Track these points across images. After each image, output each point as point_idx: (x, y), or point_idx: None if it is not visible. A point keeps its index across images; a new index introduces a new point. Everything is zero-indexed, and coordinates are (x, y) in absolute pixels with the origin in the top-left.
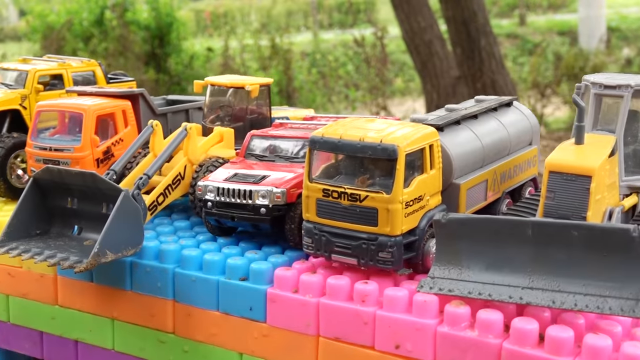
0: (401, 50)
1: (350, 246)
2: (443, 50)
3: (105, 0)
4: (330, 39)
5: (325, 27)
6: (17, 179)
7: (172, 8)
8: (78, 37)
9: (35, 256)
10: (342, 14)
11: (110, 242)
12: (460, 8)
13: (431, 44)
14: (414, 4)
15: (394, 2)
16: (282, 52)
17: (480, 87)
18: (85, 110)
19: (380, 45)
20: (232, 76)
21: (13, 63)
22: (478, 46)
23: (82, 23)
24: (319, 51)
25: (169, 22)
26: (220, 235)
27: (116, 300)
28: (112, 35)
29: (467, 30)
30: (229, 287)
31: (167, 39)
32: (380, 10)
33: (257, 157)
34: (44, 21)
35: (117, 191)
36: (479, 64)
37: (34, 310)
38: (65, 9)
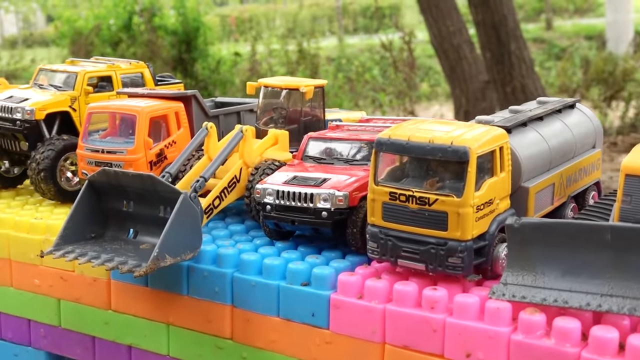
0: (427, 55)
1: (418, 251)
2: (472, 55)
3: (133, 5)
4: (356, 44)
5: (350, 32)
6: (66, 181)
7: (199, 13)
8: (106, 42)
9: (92, 260)
10: (367, 18)
11: (169, 246)
12: (490, 12)
13: (460, 48)
14: (442, 8)
15: (422, 6)
16: (309, 57)
17: (510, 92)
18: (139, 112)
19: (408, 50)
20: (286, 78)
21: (61, 65)
22: (508, 50)
23: (110, 28)
24: (344, 56)
25: (196, 27)
26: (277, 239)
27: (172, 305)
28: (140, 40)
29: (497, 34)
30: (290, 292)
31: (194, 43)
32: (405, 15)
33: (315, 160)
34: (72, 26)
35: (176, 194)
36: (509, 69)
37: (86, 314)
38: (93, 14)
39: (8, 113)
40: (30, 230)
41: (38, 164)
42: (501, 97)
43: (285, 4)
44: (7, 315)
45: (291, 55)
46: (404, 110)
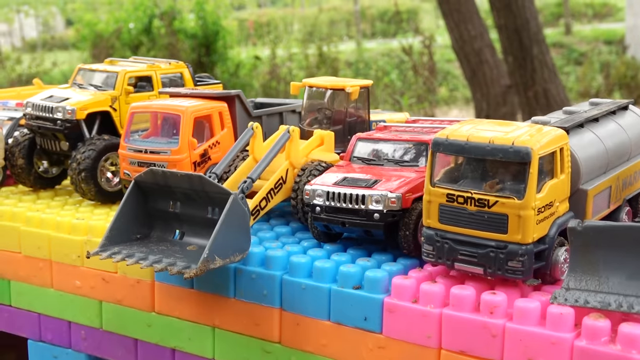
0: (445, 59)
1: (476, 254)
2: (493, 59)
3: (154, 9)
4: (374, 48)
5: (368, 36)
6: (106, 182)
7: (218, 17)
8: (126, 45)
9: (140, 261)
10: (385, 23)
11: (218, 248)
12: (512, 16)
13: (481, 52)
14: (463, 12)
15: (443, 11)
16: (329, 61)
17: (532, 96)
18: (183, 112)
19: (428, 54)
20: (331, 78)
21: (101, 64)
22: (530, 54)
23: (130, 31)
24: (362, 60)
25: (216, 30)
26: (326, 241)
27: (218, 308)
28: (160, 44)
29: (519, 38)
30: (341, 295)
31: (214, 47)
32: (422, 19)
33: (364, 161)
34: (93, 30)
35: (225, 195)
36: (531, 73)
37: (129, 316)
38: (113, 18)
39: (49, 113)
40: (72, 231)
41: (79, 164)
42: (523, 101)
43: (303, 8)
44: (47, 316)
45: (311, 59)
46: (425, 114)
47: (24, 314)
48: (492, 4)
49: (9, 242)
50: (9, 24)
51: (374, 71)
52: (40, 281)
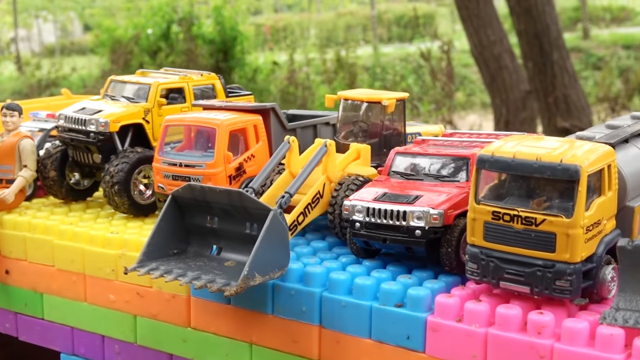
0: (462, 64)
1: (522, 273)
2: (513, 64)
3: (172, 14)
4: (390, 53)
5: (385, 41)
6: (139, 195)
7: (236, 22)
8: (144, 50)
9: (179, 278)
10: (401, 27)
11: (259, 264)
12: (532, 21)
13: (500, 57)
14: (483, 17)
15: (462, 16)
16: (347, 66)
17: (552, 102)
18: (219, 125)
19: (447, 59)
20: (366, 90)
21: (133, 76)
22: (550, 60)
23: (149, 37)
24: (379, 65)
25: (233, 36)
26: (365, 257)
27: (255, 324)
28: (179, 49)
29: (539, 43)
30: (383, 313)
31: (231, 52)
32: (439, 24)
33: (403, 176)
34: (112, 35)
35: (265, 210)
36: (551, 78)
37: (163, 332)
38: (132, 24)
39: (81, 125)
40: (106, 245)
41: (112, 176)
42: (543, 107)
43: (319, 13)
44: (80, 330)
45: (329, 64)
46: (443, 120)
47: (57, 327)
48: (511, 9)
49: (42, 255)
50: (27, 29)
51: (391, 76)
52: (73, 295)
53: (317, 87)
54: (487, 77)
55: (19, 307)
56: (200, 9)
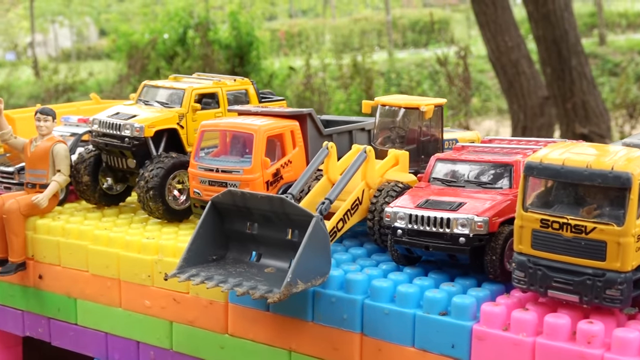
0: (477, 70)
1: (572, 282)
2: (530, 70)
3: (188, 19)
4: (405, 58)
5: (399, 46)
6: (174, 200)
7: (252, 27)
8: (161, 55)
9: (220, 284)
10: (416, 33)
11: (301, 271)
12: (551, 27)
13: (518, 63)
14: (500, 23)
15: (480, 22)
16: (363, 71)
17: (571, 108)
18: (256, 130)
19: (464, 65)
20: (404, 96)
21: (167, 81)
22: (569, 66)
23: (166, 42)
24: (394, 70)
25: (249, 41)
26: (405, 264)
27: (295, 331)
28: (195, 54)
29: (557, 49)
30: (427, 321)
31: (247, 57)
32: (453, 29)
33: (444, 183)
34: (128, 40)
35: (307, 217)
36: (570, 84)
37: (200, 338)
38: (149, 29)
39: (116, 130)
40: (142, 250)
41: (147, 182)
42: (561, 113)
43: (334, 19)
44: (114, 336)
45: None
46: (459, 125)
47: (91, 332)
48: (530, 14)
49: (76, 261)
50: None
51: (406, 81)
52: (107, 300)
53: (333, 92)
54: (504, 83)
55: (52, 312)
56: (216, 14)
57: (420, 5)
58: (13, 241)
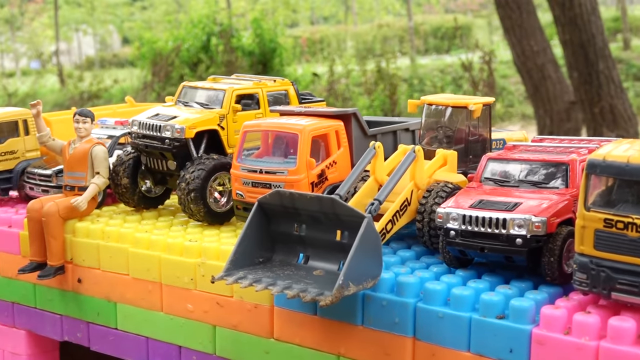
0: (500, 75)
1: (637, 283)
2: (556, 75)
3: (212, 27)
4: (427, 64)
5: (422, 52)
6: (214, 202)
7: (275, 34)
8: (185, 62)
9: (269, 287)
10: (438, 39)
11: (353, 274)
12: (578, 31)
13: (544, 67)
14: (526, 27)
15: (505, 26)
16: (387, 77)
17: (598, 112)
18: (301, 130)
19: (488, 69)
20: (450, 95)
21: (206, 82)
22: (596, 70)
23: (189, 49)
24: (416, 76)
25: (272, 47)
26: (458, 267)
27: (344, 336)
28: (219, 61)
29: (584, 53)
30: (484, 325)
31: (270, 64)
32: (475, 35)
33: (497, 183)
34: (152, 47)
35: (359, 218)
36: (597, 88)
37: (245, 343)
38: (172, 36)
39: (156, 131)
40: (184, 253)
41: (188, 184)
42: (589, 117)
43: (355, 25)
44: (155, 340)
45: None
46: None
47: (131, 337)
48: (556, 18)
49: (116, 264)
50: (68, 43)
51: (429, 87)
52: (148, 304)
53: (356, 98)
54: (530, 87)
55: (92, 316)
56: (238, 21)
57: (442, 11)
58: (52, 244)
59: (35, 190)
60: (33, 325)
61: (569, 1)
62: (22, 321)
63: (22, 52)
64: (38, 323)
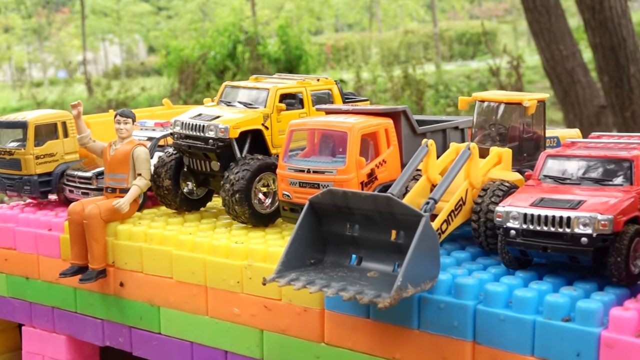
0: (526, 81)
1: None
2: (586, 79)
3: (238, 34)
4: (453, 70)
5: (446, 58)
6: (259, 203)
7: (301, 41)
8: (211, 70)
9: (323, 289)
10: (463, 45)
11: (411, 275)
12: (608, 34)
13: (573, 72)
14: (555, 31)
15: (533, 31)
16: (414, 83)
17: (629, 116)
18: (350, 129)
19: (517, 75)
20: (503, 92)
21: (249, 82)
22: (627, 74)
23: (216, 57)
24: (442, 82)
25: (298, 54)
26: (517, 268)
27: (399, 340)
28: (245, 68)
29: (615, 57)
30: (549, 328)
31: (296, 71)
32: (500, 40)
33: (557, 180)
34: (179, 55)
35: (416, 216)
36: (628, 92)
37: (294, 347)
38: (199, 44)
39: (200, 131)
40: (230, 255)
41: (232, 185)
42: (619, 121)
43: (380, 32)
44: (200, 345)
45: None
46: None
47: (175, 342)
48: (586, 22)
49: (160, 267)
50: (94, 52)
51: (455, 93)
52: (193, 308)
53: (383, 104)
54: (559, 92)
55: (134, 321)
56: (263, 29)
57: (467, 17)
58: (94, 247)
59: (75, 193)
60: (74, 330)
61: (599, 4)
62: (63, 326)
63: (49, 62)
64: (79, 328)
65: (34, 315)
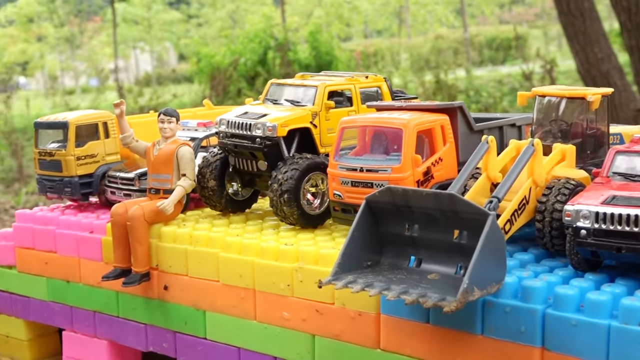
0: None
1: None
2: (622, 82)
3: (269, 40)
4: (483, 76)
5: (477, 63)
6: (307, 204)
7: (332, 47)
8: (242, 76)
9: (384, 292)
10: (493, 50)
11: (477, 277)
12: None
13: (609, 75)
14: (590, 34)
15: (568, 34)
16: (446, 88)
17: None
18: (405, 125)
19: (550, 79)
20: (564, 86)
21: (296, 79)
22: None
23: (247, 63)
24: (472, 87)
25: (329, 60)
26: (586, 270)
27: (461, 346)
28: (276, 74)
29: None
30: (625, 334)
31: None
32: (531, 45)
33: (628, 177)
34: (210, 62)
35: (482, 215)
36: None
37: (347, 353)
38: (230, 50)
39: (246, 130)
40: (279, 258)
41: (281, 185)
42: None
43: (409, 38)
44: (248, 351)
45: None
46: None
47: (222, 347)
48: (622, 24)
49: (206, 270)
50: (125, 60)
51: (485, 98)
52: (241, 312)
53: None
54: None
55: (179, 325)
56: (293, 35)
57: (496, 23)
58: (137, 250)
59: (117, 195)
60: (115, 335)
61: (635, 6)
62: (104, 331)
63: (81, 70)
64: (121, 333)
65: (74, 320)
